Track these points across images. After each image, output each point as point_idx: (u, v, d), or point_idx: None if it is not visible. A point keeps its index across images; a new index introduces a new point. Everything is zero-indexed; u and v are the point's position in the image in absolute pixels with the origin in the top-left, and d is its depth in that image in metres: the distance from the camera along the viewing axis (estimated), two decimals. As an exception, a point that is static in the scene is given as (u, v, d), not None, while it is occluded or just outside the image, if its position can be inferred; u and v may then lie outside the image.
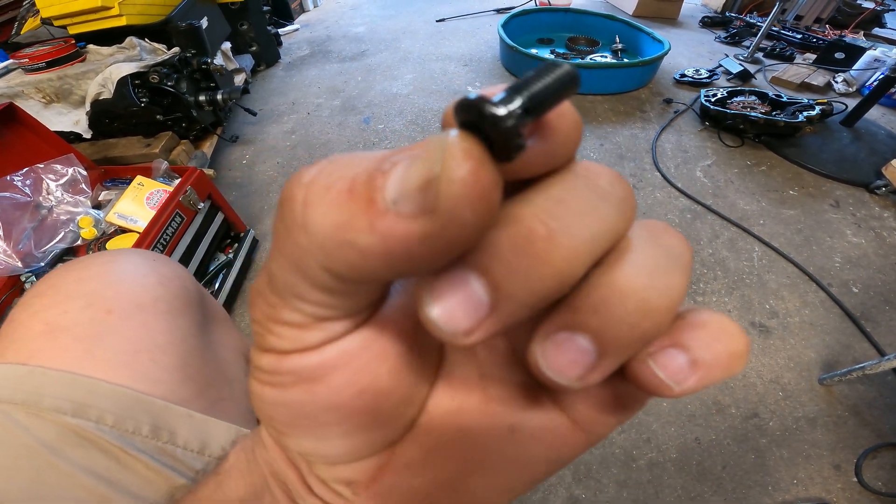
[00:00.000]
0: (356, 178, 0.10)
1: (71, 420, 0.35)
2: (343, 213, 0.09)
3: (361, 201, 0.09)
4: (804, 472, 1.00)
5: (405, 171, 0.09)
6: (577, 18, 2.75)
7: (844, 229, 1.52)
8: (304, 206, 0.10)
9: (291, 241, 0.10)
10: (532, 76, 0.11)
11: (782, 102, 1.88)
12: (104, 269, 0.44)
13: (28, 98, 1.53)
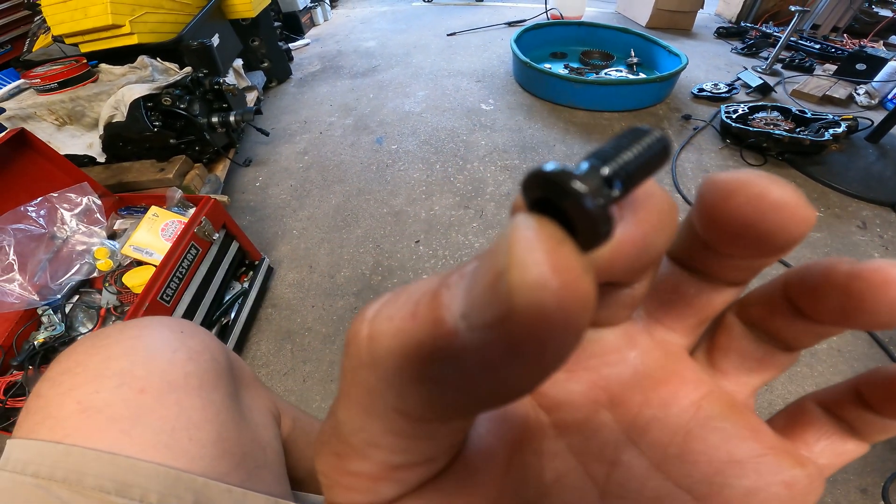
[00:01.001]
0: (420, 300, 0.09)
1: (116, 499, 0.36)
2: (408, 341, 0.08)
3: (426, 324, 0.08)
4: (830, 497, 0.98)
5: (472, 275, 0.08)
6: (590, 32, 2.72)
7: (872, 252, 1.48)
8: (369, 341, 0.09)
9: (359, 383, 0.10)
10: (617, 143, 0.09)
11: (806, 119, 1.84)
12: (132, 344, 0.44)
13: (41, 120, 1.52)
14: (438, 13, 3.57)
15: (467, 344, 0.07)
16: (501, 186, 1.73)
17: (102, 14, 1.52)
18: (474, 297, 0.07)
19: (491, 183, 1.76)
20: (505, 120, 2.11)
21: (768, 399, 1.13)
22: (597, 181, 0.08)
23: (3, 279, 1.06)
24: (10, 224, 1.09)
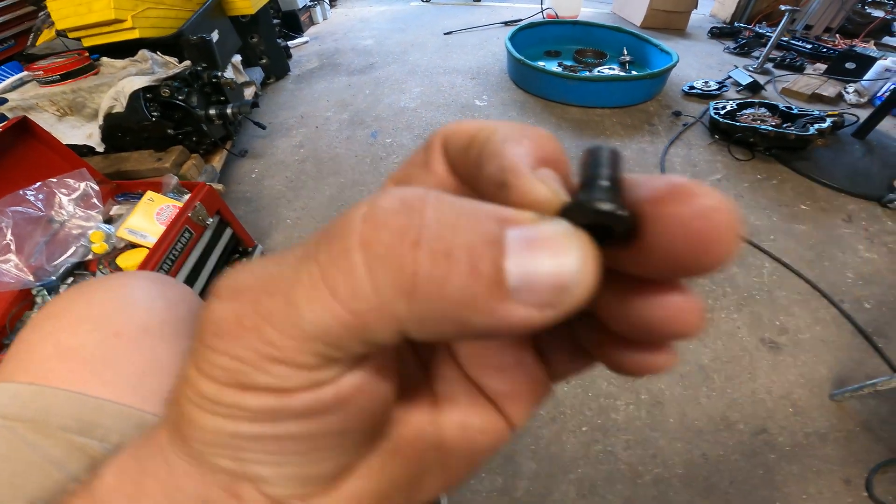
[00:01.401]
0: (475, 252, 0.09)
1: (77, 439, 0.36)
2: (466, 293, 0.09)
3: (486, 284, 0.09)
4: (814, 488, 0.99)
5: (531, 261, 0.09)
6: (584, 31, 2.76)
7: (857, 245, 1.50)
8: (415, 273, 0.09)
9: (367, 294, 0.09)
10: (596, 164, 0.11)
11: (793, 115, 1.87)
12: (115, 293, 0.45)
13: (42, 111, 1.56)
14: (436, 13, 3.61)
15: (513, 311, 0.09)
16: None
17: (106, 9, 1.55)
18: (534, 283, 0.09)
19: (482, 176, 1.78)
20: (498, 115, 2.14)
21: (751, 388, 1.15)
22: (611, 194, 0.10)
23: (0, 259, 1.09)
24: (8, 206, 1.12)
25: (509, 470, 1.00)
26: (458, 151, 0.13)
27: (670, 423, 1.08)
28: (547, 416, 1.09)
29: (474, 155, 0.12)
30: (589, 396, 1.13)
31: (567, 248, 0.10)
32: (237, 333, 0.10)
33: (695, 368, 1.18)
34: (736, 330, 1.27)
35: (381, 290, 0.09)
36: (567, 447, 1.04)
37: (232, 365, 0.11)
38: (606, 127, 2.07)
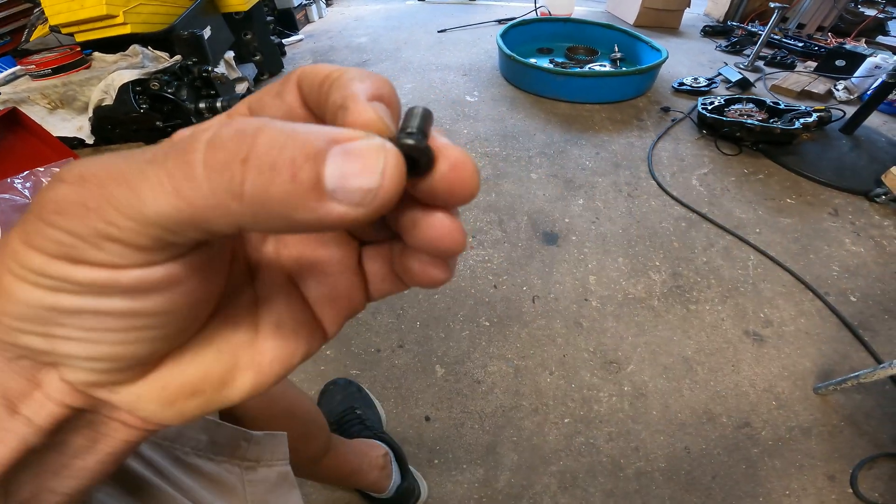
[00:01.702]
0: (296, 164, 0.11)
1: None
2: (288, 195, 0.10)
3: (306, 188, 0.11)
4: (797, 483, 0.98)
5: (347, 168, 0.11)
6: (576, 28, 2.77)
7: (843, 238, 1.51)
8: (242, 182, 0.10)
9: (205, 195, 0.10)
10: (413, 116, 0.14)
11: (780, 110, 1.87)
12: None
13: (34, 104, 1.57)
14: (431, 11, 3.61)
15: (330, 209, 0.11)
16: (481, 171, 1.77)
17: (98, 4, 1.56)
18: (348, 187, 0.11)
19: (471, 170, 1.79)
20: (488, 111, 2.15)
21: (734, 380, 1.15)
22: (418, 136, 0.13)
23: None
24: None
25: (490, 461, 1.00)
26: (312, 87, 0.15)
27: (653, 416, 1.08)
28: (529, 406, 1.09)
29: (325, 89, 0.14)
30: (572, 388, 1.13)
31: (377, 159, 0.12)
32: (79, 213, 0.11)
33: (678, 360, 1.18)
34: (720, 322, 1.27)
35: (216, 193, 0.10)
36: (549, 439, 1.04)
37: (67, 240, 0.11)
38: (595, 122, 2.07)
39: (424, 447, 1.02)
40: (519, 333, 1.23)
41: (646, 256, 1.44)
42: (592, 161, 1.84)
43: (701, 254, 1.45)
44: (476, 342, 1.21)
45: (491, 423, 1.06)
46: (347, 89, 0.13)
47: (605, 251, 1.45)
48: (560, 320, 1.26)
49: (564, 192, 1.68)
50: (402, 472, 0.93)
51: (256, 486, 0.40)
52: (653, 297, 1.33)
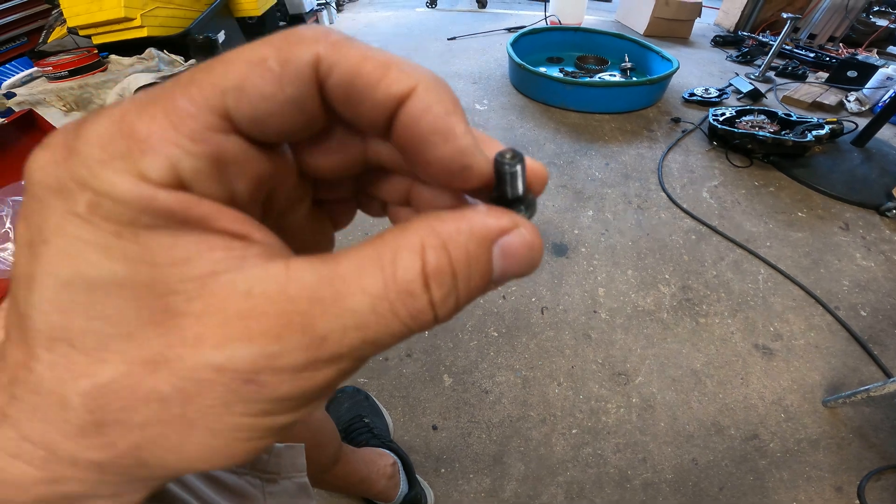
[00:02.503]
0: (474, 279, 0.13)
1: None
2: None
3: (476, 295, 0.13)
4: (804, 494, 0.98)
5: (508, 268, 0.13)
6: (586, 38, 2.78)
7: (853, 252, 1.50)
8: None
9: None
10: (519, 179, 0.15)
11: (791, 121, 1.87)
12: None
13: (49, 106, 1.58)
14: (441, 19, 3.64)
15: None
16: (490, 182, 1.77)
17: (116, 7, 1.59)
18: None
19: (480, 178, 1.79)
20: (498, 119, 2.16)
21: (743, 393, 1.14)
22: (532, 208, 0.15)
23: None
24: (9, 196, 1.14)
25: (497, 471, 1.00)
26: (346, 86, 0.12)
27: (661, 427, 1.08)
28: (537, 417, 1.09)
29: (376, 100, 0.12)
30: (580, 399, 1.13)
31: (530, 257, 0.13)
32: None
33: (687, 373, 1.18)
34: (730, 335, 1.27)
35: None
36: (556, 449, 1.04)
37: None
38: (605, 132, 2.08)
39: (431, 456, 1.02)
40: (527, 344, 1.23)
41: (655, 269, 1.44)
42: (602, 172, 1.84)
43: (711, 267, 1.45)
44: (484, 352, 1.21)
45: (498, 433, 1.06)
46: (458, 139, 0.13)
47: (614, 263, 1.45)
48: (569, 332, 1.26)
49: (574, 203, 1.68)
50: (409, 481, 0.93)
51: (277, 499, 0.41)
52: (662, 309, 1.32)
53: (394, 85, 0.12)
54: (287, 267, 0.11)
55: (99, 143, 0.10)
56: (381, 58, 0.12)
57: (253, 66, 0.11)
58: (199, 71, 0.11)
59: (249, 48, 0.11)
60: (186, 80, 0.11)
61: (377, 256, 0.11)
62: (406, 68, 0.12)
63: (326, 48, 0.11)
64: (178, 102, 0.11)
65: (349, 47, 0.11)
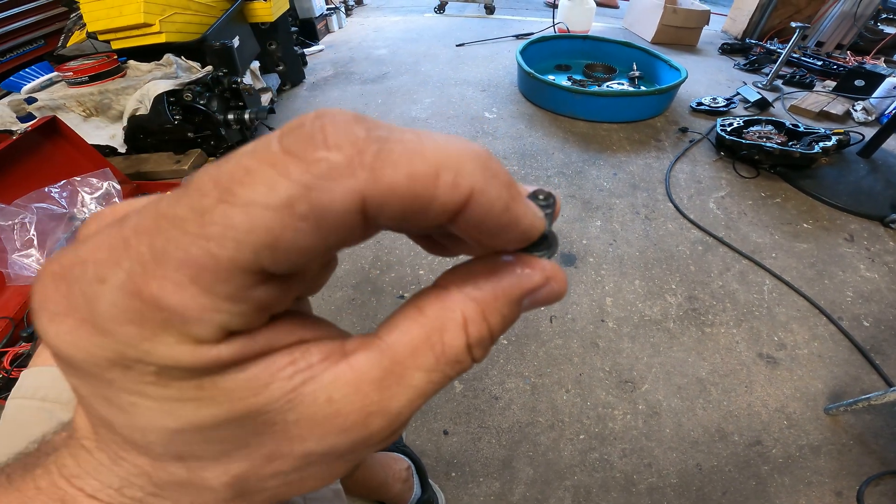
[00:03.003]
0: (447, 347, 0.13)
1: None
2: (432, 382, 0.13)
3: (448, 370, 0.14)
4: (805, 499, 1.01)
5: (536, 302, 0.14)
6: (594, 46, 2.81)
7: (858, 264, 1.52)
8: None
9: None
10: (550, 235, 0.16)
11: (799, 132, 1.89)
12: None
13: (69, 111, 1.61)
14: (449, 25, 3.67)
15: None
16: (500, 189, 1.80)
17: (136, 13, 1.61)
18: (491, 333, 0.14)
19: (490, 186, 1.82)
20: (507, 128, 2.19)
21: (747, 401, 1.17)
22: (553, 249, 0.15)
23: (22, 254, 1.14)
24: (33, 203, 1.18)
25: (506, 475, 1.03)
26: (401, 214, 0.11)
27: (666, 434, 1.10)
28: (545, 423, 1.12)
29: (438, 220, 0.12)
30: (587, 405, 1.15)
31: (555, 298, 0.15)
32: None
33: (692, 381, 1.20)
34: (735, 344, 1.29)
35: None
36: (564, 454, 1.07)
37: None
38: (613, 141, 2.10)
39: (442, 460, 1.05)
40: (536, 352, 1.26)
41: (662, 279, 1.46)
42: (610, 182, 1.87)
43: (717, 278, 1.47)
44: (494, 360, 1.24)
45: (507, 438, 1.09)
46: (514, 226, 0.13)
47: (622, 273, 1.48)
48: (577, 340, 1.29)
49: (582, 213, 1.71)
50: (422, 484, 0.96)
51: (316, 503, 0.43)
52: (668, 319, 1.35)
53: (449, 201, 0.11)
54: (351, 367, 0.13)
55: (126, 319, 0.10)
56: (426, 166, 0.11)
57: (280, 216, 0.10)
58: (207, 213, 0.10)
59: (260, 171, 0.10)
60: (194, 226, 0.10)
61: (426, 338, 0.13)
62: (453, 164, 0.11)
63: (368, 183, 0.10)
64: (201, 262, 0.10)
65: (390, 165, 0.10)
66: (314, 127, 0.10)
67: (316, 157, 0.10)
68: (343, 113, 0.11)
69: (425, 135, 0.11)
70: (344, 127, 0.10)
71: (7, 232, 1.13)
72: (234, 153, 0.11)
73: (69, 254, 0.11)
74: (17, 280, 1.10)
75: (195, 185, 0.10)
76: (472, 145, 0.12)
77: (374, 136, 0.10)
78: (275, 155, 0.10)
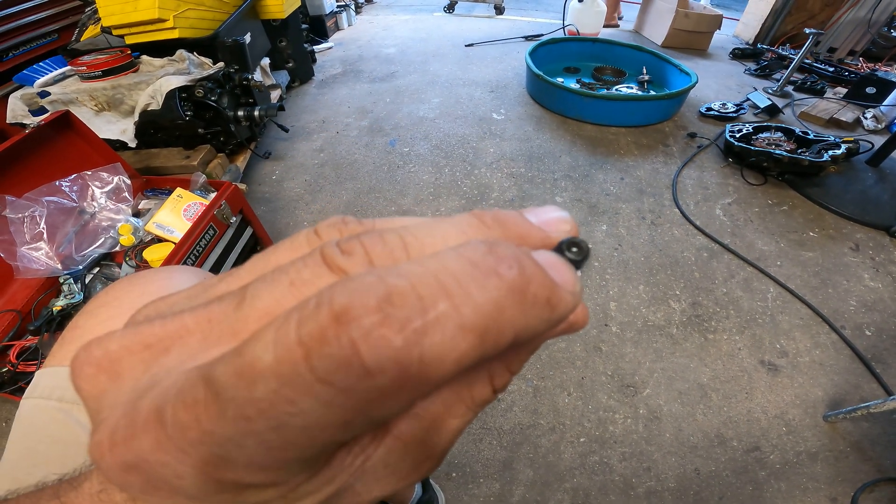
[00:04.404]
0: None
1: None
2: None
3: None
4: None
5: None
6: (604, 48, 2.80)
7: (862, 273, 1.52)
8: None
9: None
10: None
11: (808, 140, 1.88)
12: (165, 284, 0.47)
13: (81, 105, 1.63)
14: (458, 24, 3.67)
15: None
16: (506, 192, 1.81)
17: (151, 8, 1.62)
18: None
19: (496, 188, 1.83)
20: (514, 130, 2.19)
21: (747, 407, 1.18)
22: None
23: (31, 247, 1.14)
24: (44, 196, 1.18)
25: (506, 476, 1.04)
26: None
27: (666, 438, 1.11)
28: (546, 425, 1.12)
29: None
30: (589, 409, 1.16)
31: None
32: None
33: (694, 386, 1.21)
34: (737, 351, 1.29)
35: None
36: (564, 457, 1.08)
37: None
38: (621, 146, 2.10)
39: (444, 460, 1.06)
40: (539, 355, 1.27)
41: (666, 285, 1.47)
42: (617, 186, 1.87)
43: (721, 284, 1.47)
44: (497, 360, 1.24)
45: (509, 440, 1.10)
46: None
47: (626, 278, 1.48)
48: (580, 344, 1.30)
49: (588, 217, 1.71)
50: (423, 484, 0.97)
51: None
52: (672, 325, 1.35)
53: (493, 354, 0.11)
54: (396, 439, 0.14)
55: (217, 491, 0.11)
56: (469, 342, 0.10)
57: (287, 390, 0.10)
58: (250, 436, 0.10)
59: (299, 387, 0.10)
60: (238, 444, 0.10)
61: (457, 396, 0.15)
62: (491, 326, 0.11)
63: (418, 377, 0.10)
64: (266, 463, 0.11)
65: (432, 347, 0.10)
66: (344, 349, 0.09)
67: (361, 388, 0.10)
68: (364, 307, 0.10)
69: (454, 286, 0.10)
70: (378, 342, 0.10)
71: (17, 225, 1.13)
72: (251, 357, 0.10)
73: (123, 446, 0.11)
74: (25, 273, 1.10)
75: (236, 410, 0.10)
76: (501, 274, 0.11)
77: (411, 338, 0.10)
78: (311, 385, 0.10)
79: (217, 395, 0.10)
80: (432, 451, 0.15)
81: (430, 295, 0.10)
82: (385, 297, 0.10)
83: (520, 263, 0.11)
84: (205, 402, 0.10)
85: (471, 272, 0.11)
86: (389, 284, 0.10)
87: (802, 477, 1.06)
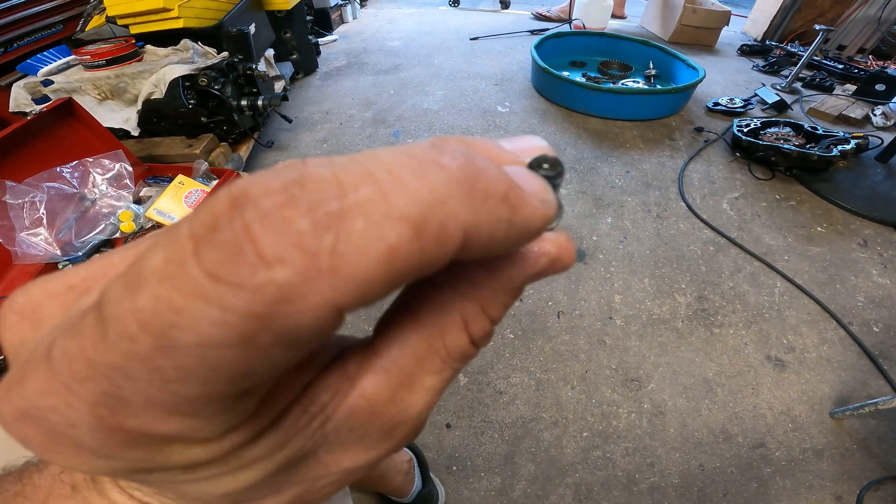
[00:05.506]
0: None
1: None
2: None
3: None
4: (805, 502, 1.00)
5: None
6: (611, 43, 2.77)
7: (870, 269, 1.50)
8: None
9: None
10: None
11: (817, 135, 1.86)
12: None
13: (85, 94, 1.62)
14: (464, 18, 3.65)
15: None
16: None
17: None
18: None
19: (500, 180, 1.81)
20: (519, 122, 2.17)
21: (753, 403, 1.16)
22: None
23: (30, 232, 1.14)
24: (44, 182, 1.18)
25: (508, 470, 1.03)
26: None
27: (670, 433, 1.10)
28: (549, 419, 1.11)
29: None
30: (592, 403, 1.15)
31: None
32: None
33: (699, 381, 1.19)
34: (743, 346, 1.28)
35: None
36: (567, 451, 1.06)
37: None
38: (627, 139, 2.08)
39: (444, 454, 1.05)
40: (542, 347, 1.25)
41: (672, 279, 1.45)
42: (622, 179, 1.85)
43: (728, 278, 1.46)
44: (500, 353, 1.23)
45: (510, 434, 1.08)
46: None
47: (631, 271, 1.47)
48: (584, 337, 1.28)
49: (593, 209, 1.70)
50: (423, 477, 0.96)
51: None
52: (677, 318, 1.34)
53: (440, 256, 0.09)
54: (362, 396, 0.13)
55: (122, 446, 0.10)
56: (399, 231, 0.09)
57: (241, 352, 0.08)
58: (150, 360, 0.08)
59: (192, 308, 0.08)
60: (144, 374, 0.08)
61: (428, 345, 0.13)
62: (432, 213, 0.09)
63: (337, 290, 0.08)
64: (170, 402, 0.09)
65: (356, 255, 0.08)
66: (236, 233, 0.08)
67: (256, 282, 0.08)
68: (265, 188, 0.08)
69: (383, 173, 0.09)
70: (277, 224, 0.08)
71: (17, 210, 1.12)
72: (141, 264, 0.08)
73: (14, 391, 0.09)
74: (24, 259, 1.10)
75: (118, 327, 0.08)
76: (443, 164, 0.09)
77: (322, 221, 0.08)
78: (198, 283, 0.08)
79: (101, 313, 0.08)
80: (405, 413, 0.13)
81: (351, 181, 0.08)
82: (296, 180, 0.08)
83: (466, 155, 0.10)
84: (92, 325, 0.08)
85: (406, 161, 0.09)
86: (303, 170, 0.08)
87: (808, 474, 1.04)
